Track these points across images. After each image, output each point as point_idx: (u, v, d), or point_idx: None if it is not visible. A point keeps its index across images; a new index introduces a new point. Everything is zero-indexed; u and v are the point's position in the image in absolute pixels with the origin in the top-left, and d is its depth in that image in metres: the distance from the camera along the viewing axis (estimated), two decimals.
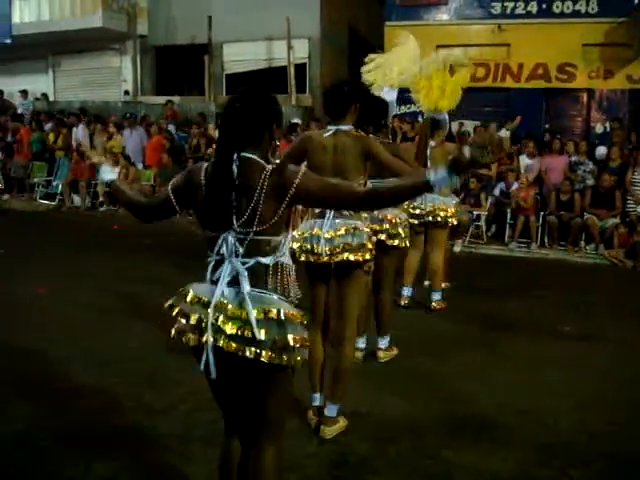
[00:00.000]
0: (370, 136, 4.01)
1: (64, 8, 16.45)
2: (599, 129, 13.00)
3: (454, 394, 4.38)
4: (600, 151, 10.99)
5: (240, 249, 2.31)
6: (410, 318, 5.99)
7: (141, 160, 13.53)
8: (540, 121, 13.04)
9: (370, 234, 3.80)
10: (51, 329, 5.46)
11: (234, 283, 2.31)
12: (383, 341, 5.09)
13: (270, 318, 2.26)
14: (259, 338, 2.22)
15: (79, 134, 14.23)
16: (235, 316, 2.25)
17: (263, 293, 2.31)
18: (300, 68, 15.23)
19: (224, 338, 2.24)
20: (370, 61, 5.17)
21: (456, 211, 6.26)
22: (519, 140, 11.24)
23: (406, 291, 6.41)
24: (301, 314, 2.37)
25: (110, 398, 4.15)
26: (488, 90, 12.94)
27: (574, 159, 10.73)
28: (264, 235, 2.31)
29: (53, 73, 18.26)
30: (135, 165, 13.27)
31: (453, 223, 6.24)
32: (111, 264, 8.09)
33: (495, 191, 10.85)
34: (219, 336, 2.24)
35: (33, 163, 14.61)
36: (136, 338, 5.25)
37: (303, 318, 2.37)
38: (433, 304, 6.40)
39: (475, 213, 10.58)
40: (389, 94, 5.07)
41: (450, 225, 6.23)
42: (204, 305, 2.29)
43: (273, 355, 2.25)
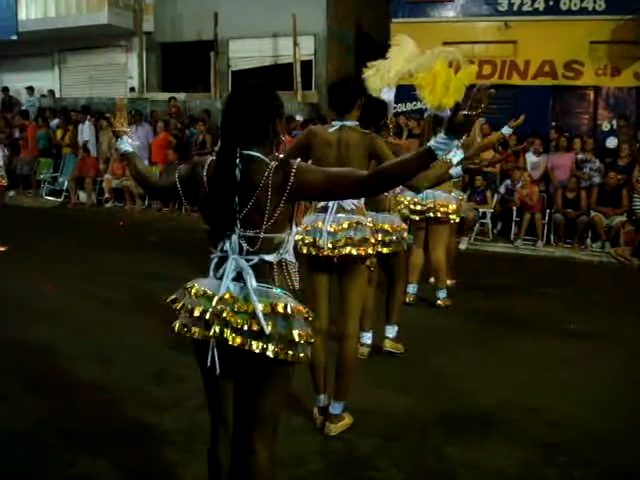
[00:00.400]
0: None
1: (70, 5, 16.45)
2: (606, 127, 12.94)
3: (459, 391, 4.38)
4: (611, 142, 10.93)
5: (244, 247, 2.30)
6: (415, 315, 5.98)
7: (147, 157, 13.53)
8: (547, 118, 12.98)
9: (373, 229, 3.79)
10: (57, 325, 5.47)
11: (239, 279, 2.30)
12: (391, 329, 5.08)
13: (277, 312, 2.25)
14: (267, 331, 2.20)
15: (85, 131, 14.26)
16: (241, 310, 2.24)
17: (269, 288, 2.30)
18: (306, 65, 15.19)
19: (230, 332, 2.23)
20: (371, 67, 5.18)
21: (458, 208, 6.24)
22: (525, 138, 11.21)
23: (411, 288, 6.40)
24: (306, 309, 2.36)
25: (115, 394, 4.16)
26: (494, 87, 12.79)
27: (581, 157, 10.70)
28: (268, 233, 2.29)
29: (59, 70, 18.26)
30: None
31: (455, 220, 6.23)
32: (117, 260, 8.11)
33: (501, 188, 10.84)
34: (225, 329, 2.23)
35: (39, 160, 14.67)
36: (141, 334, 5.25)
37: (308, 314, 2.36)
38: (439, 302, 6.39)
39: (481, 210, 10.57)
40: (387, 94, 5.08)
41: (451, 222, 6.23)
42: (209, 298, 2.28)
43: (279, 350, 2.24)
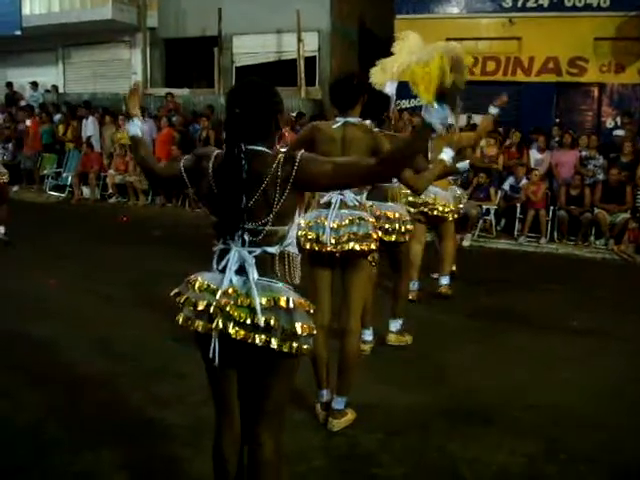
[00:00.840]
0: (376, 129, 4.02)
1: (74, 0, 16.45)
2: (610, 123, 12.92)
3: (461, 387, 4.38)
4: (618, 133, 10.91)
5: (247, 239, 2.31)
6: (417, 311, 5.98)
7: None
8: (551, 115, 12.96)
9: (375, 225, 3.80)
10: (60, 320, 5.48)
11: (242, 271, 2.31)
12: (395, 323, 5.08)
13: (279, 306, 2.26)
14: (260, 325, 2.21)
15: (89, 126, 14.26)
16: (244, 305, 2.25)
17: (271, 282, 2.31)
18: (310, 61, 15.17)
19: (233, 325, 2.24)
20: (378, 64, 5.20)
21: (456, 206, 6.26)
22: (528, 135, 11.21)
23: (411, 285, 6.39)
24: (308, 303, 2.37)
25: (118, 389, 4.17)
26: (498, 84, 12.81)
27: (584, 154, 10.68)
28: (272, 225, 2.30)
29: (63, 65, 18.26)
30: None
31: (454, 217, 6.26)
32: (120, 256, 8.12)
33: (505, 185, 10.82)
34: (228, 323, 2.24)
35: (43, 155, 14.67)
36: (144, 330, 5.26)
37: (310, 307, 2.37)
38: (441, 289, 6.40)
39: (485, 207, 10.56)
40: (390, 87, 5.09)
41: (451, 218, 6.26)
42: (212, 292, 2.30)
43: (282, 343, 2.25)
